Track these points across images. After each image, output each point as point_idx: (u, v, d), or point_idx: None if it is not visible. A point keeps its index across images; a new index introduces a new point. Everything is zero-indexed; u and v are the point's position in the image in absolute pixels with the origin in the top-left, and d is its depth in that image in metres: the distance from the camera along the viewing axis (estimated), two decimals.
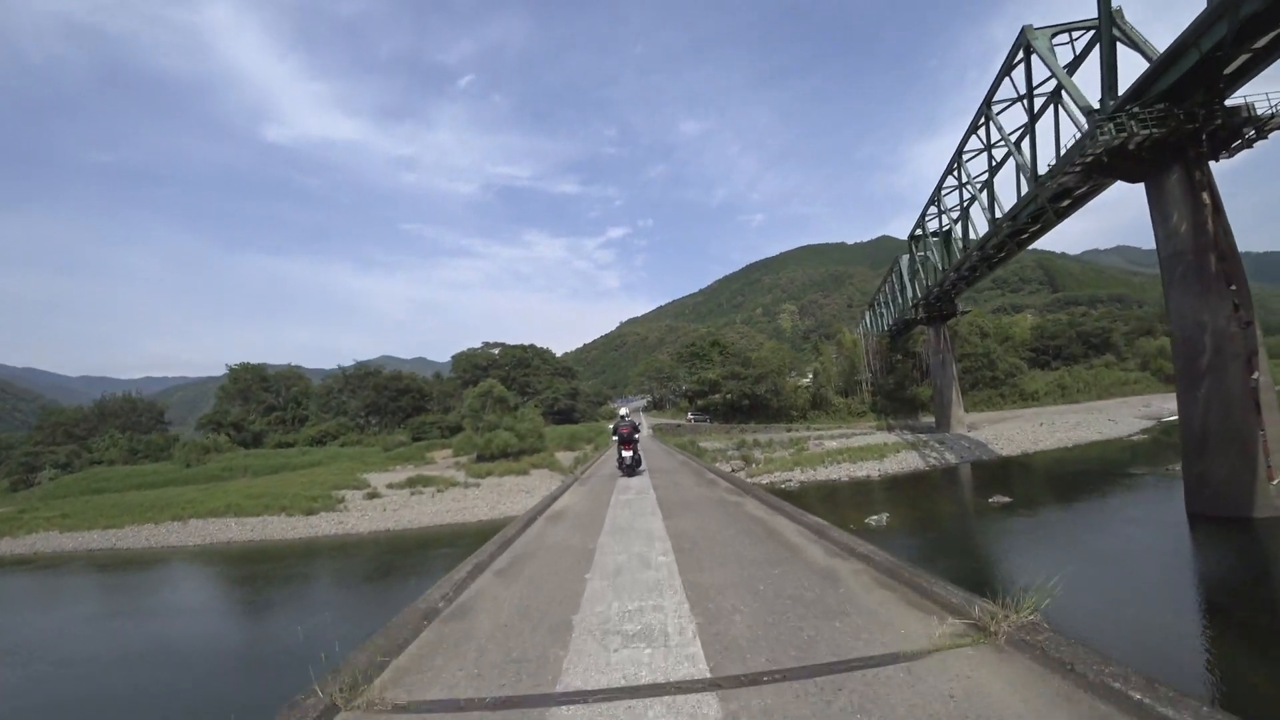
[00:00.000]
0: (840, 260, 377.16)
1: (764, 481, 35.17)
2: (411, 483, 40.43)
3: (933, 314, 52.61)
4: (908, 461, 38.46)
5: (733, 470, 37.74)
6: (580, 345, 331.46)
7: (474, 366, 76.58)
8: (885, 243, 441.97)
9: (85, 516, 40.17)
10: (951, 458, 39.04)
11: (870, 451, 41.04)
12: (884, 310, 76.65)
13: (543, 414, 68.11)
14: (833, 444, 48.30)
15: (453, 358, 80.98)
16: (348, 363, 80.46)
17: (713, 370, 69.08)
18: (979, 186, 35.18)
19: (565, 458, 47.15)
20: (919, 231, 50.69)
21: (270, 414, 76.76)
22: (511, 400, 48.57)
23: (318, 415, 76.37)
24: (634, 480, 15.57)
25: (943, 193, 41.94)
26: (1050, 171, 24.66)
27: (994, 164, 32.47)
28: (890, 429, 56.48)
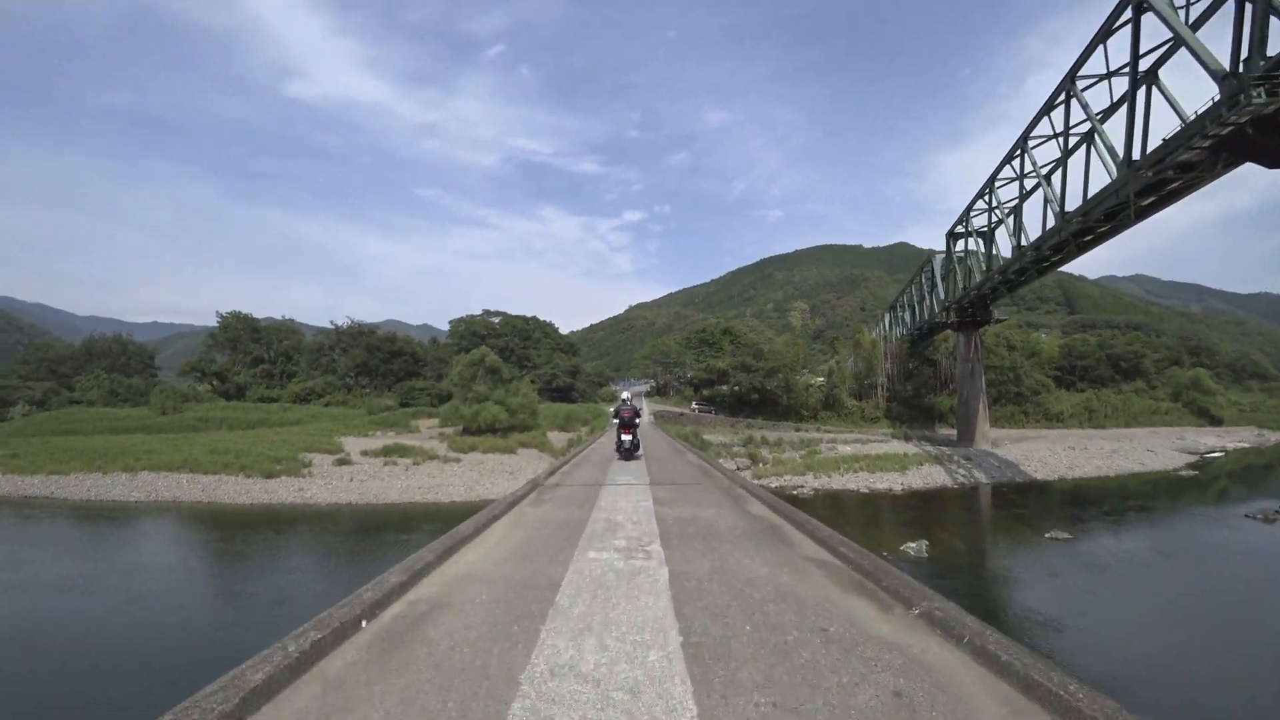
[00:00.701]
0: (856, 263, 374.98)
1: (773, 485, 31.64)
2: (387, 452, 37.03)
3: (965, 319, 48.71)
4: (932, 476, 34.82)
5: (737, 468, 34.27)
6: (587, 325, 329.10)
7: (472, 334, 73.04)
8: (903, 249, 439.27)
9: (35, 459, 36.90)
10: (980, 476, 35.36)
11: (890, 461, 37.42)
12: (905, 314, 72.71)
13: (539, 390, 64.63)
14: (847, 449, 44.71)
15: (450, 323, 77.46)
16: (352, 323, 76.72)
17: (722, 359, 65.26)
18: (1044, 176, 31.17)
19: (558, 439, 43.69)
20: (961, 228, 46.64)
21: (257, 366, 73.47)
22: (505, 372, 44.99)
23: (307, 372, 73.05)
24: (626, 500, 10.02)
25: (997, 185, 37.91)
26: (1163, 147, 20.66)
27: (1067, 149, 28.40)
28: (908, 438, 52.78)
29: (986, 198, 40.05)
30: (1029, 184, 34.76)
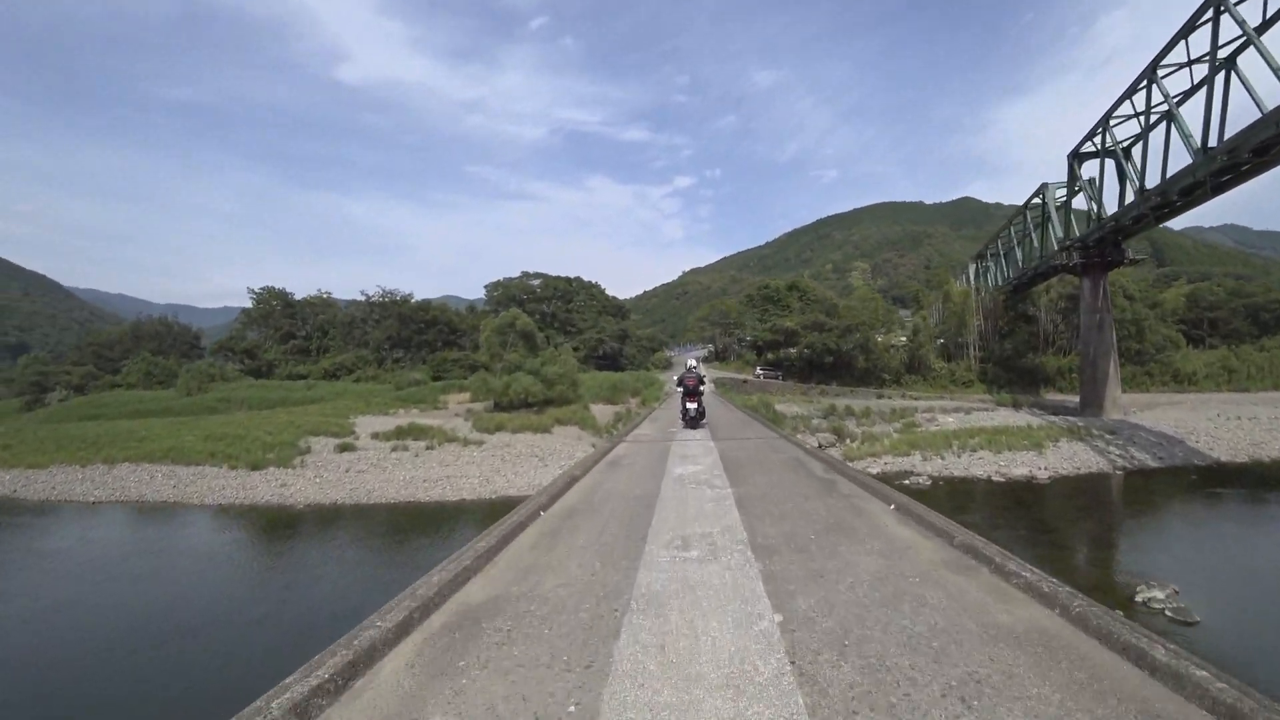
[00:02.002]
0: (917, 220, 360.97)
1: (874, 471, 24.47)
2: (399, 434, 31.44)
3: (1091, 260, 39.75)
4: (1078, 457, 26.94)
5: (819, 445, 27.25)
6: (640, 292, 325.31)
7: (509, 298, 66.91)
8: (967, 204, 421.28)
9: (24, 449, 32.95)
10: (1142, 457, 27.25)
11: (1012, 437, 29.71)
12: (993, 264, 63.36)
13: (584, 358, 58.54)
14: (949, 420, 37.02)
15: (486, 288, 71.30)
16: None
17: (790, 318, 57.32)
18: (1253, 40, 22.51)
19: (603, 413, 37.42)
20: (1091, 145, 37.60)
21: (288, 342, 69.55)
22: (539, 337, 38.67)
23: (340, 346, 68.83)
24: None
25: (1160, 72, 28.94)
26: None
27: None
28: (1017, 405, 44.44)
29: (1140, 94, 31.13)
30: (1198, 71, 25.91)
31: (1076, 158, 39.14)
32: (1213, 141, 25.40)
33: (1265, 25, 22.76)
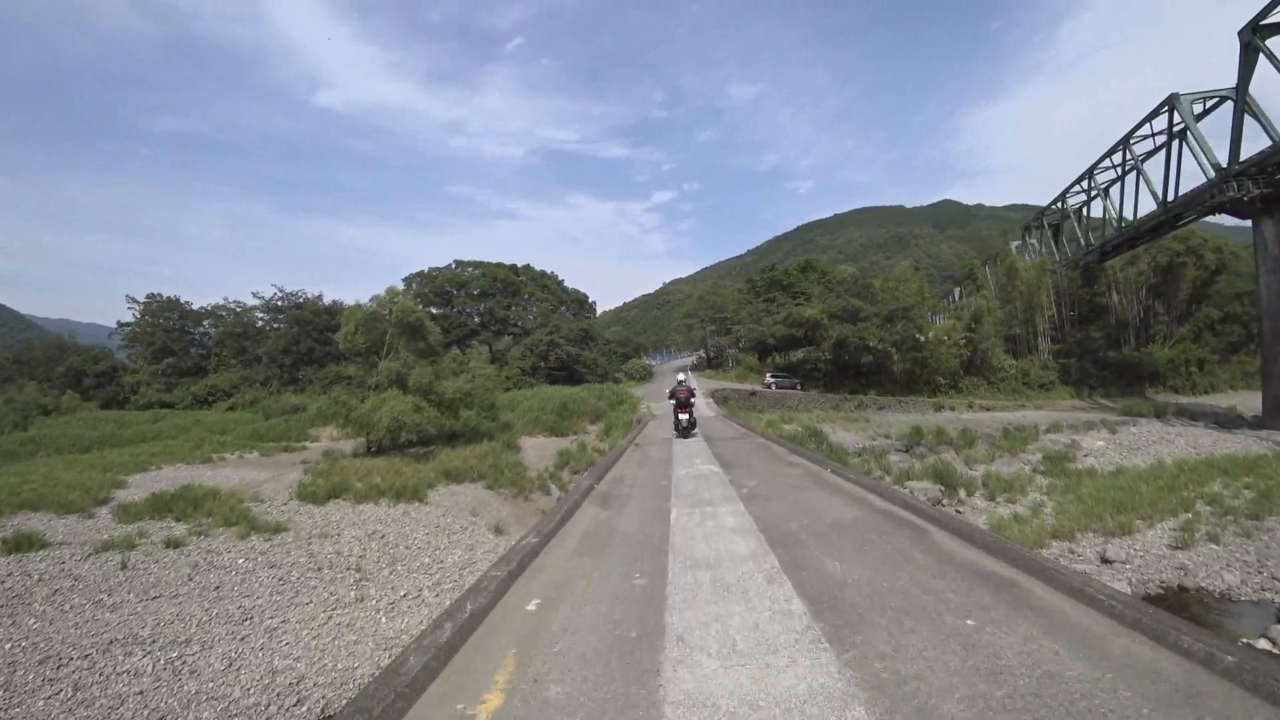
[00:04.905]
0: (900, 222, 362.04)
1: (1136, 590, 10.51)
2: (156, 506, 16.91)
3: (1277, 189, 26.42)
4: None
5: (912, 495, 13.43)
6: (620, 304, 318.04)
7: (435, 293, 51.91)
8: (947, 206, 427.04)
9: None
10: None
11: (1256, 472, 16.10)
12: (1050, 233, 50.17)
13: (532, 367, 44.14)
14: (1100, 445, 23.28)
15: (405, 280, 55.41)
16: None
17: (811, 306, 42.57)
18: None
19: (542, 451, 23.32)
20: (1270, 17, 24.41)
21: (160, 361, 54.60)
22: (431, 334, 24.23)
23: (230, 362, 54.10)
24: None
25: None
26: None
27: None
28: (1159, 415, 30.60)
29: None
30: None
31: (1257, 30, 25.69)
32: None
33: None
